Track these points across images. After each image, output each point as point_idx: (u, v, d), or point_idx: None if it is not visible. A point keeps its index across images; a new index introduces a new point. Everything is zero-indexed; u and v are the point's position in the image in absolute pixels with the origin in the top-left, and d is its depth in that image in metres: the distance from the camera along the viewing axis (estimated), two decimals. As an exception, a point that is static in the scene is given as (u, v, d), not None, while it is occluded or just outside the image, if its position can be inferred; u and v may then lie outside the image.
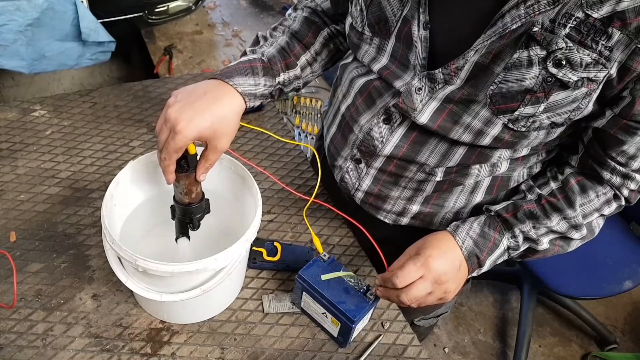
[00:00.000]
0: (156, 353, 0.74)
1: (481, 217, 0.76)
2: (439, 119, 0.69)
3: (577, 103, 0.62)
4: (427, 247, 0.71)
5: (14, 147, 1.00)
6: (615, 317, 1.92)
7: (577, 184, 0.73)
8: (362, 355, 0.78)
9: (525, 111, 0.64)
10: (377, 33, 0.73)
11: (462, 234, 0.73)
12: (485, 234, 0.74)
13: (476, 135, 0.68)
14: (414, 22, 0.67)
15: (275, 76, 0.80)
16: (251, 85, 0.75)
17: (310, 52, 0.86)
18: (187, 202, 0.71)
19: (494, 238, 0.74)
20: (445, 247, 0.72)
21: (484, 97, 0.65)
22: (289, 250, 0.87)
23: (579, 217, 0.73)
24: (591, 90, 0.61)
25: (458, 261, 0.72)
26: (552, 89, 0.61)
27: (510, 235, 0.74)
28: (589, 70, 0.59)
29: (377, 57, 0.75)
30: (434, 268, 0.68)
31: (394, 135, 0.75)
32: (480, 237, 0.74)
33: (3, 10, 1.58)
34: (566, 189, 0.74)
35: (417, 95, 0.70)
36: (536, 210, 0.74)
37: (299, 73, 0.85)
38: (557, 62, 0.59)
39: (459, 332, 1.82)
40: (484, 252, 0.73)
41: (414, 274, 0.68)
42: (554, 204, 0.74)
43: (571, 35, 0.57)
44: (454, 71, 0.65)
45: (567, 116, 0.64)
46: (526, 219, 0.74)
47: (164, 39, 2.63)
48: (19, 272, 0.80)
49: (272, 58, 0.80)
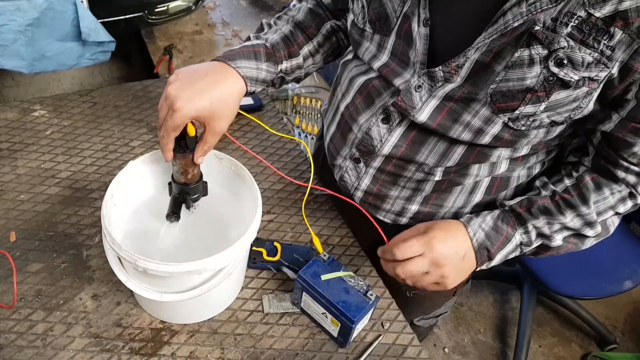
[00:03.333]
0: (156, 353, 0.74)
1: (495, 211, 0.76)
2: (439, 117, 0.69)
3: (578, 102, 0.62)
4: (435, 228, 0.72)
5: (14, 147, 1.00)
6: (615, 317, 1.92)
7: (591, 181, 0.72)
8: (362, 355, 0.78)
9: (525, 110, 0.63)
10: (378, 30, 0.73)
11: (474, 226, 0.73)
12: (498, 227, 0.74)
13: (476, 133, 0.68)
14: (414, 18, 0.67)
15: (277, 63, 0.81)
16: (253, 69, 0.75)
17: (313, 43, 0.86)
18: (183, 181, 0.73)
19: (506, 232, 0.73)
20: (454, 233, 0.72)
21: (485, 95, 0.64)
22: (289, 250, 0.87)
23: (593, 214, 0.72)
24: (592, 90, 0.61)
25: (463, 250, 0.72)
26: (553, 88, 0.61)
27: (523, 230, 0.74)
28: (591, 69, 0.59)
29: (377, 54, 0.75)
30: (435, 249, 0.69)
31: (393, 134, 0.75)
32: (492, 230, 0.73)
33: (3, 10, 1.58)
34: (580, 185, 0.73)
35: (416, 93, 0.69)
36: (550, 206, 0.73)
37: (301, 62, 0.85)
38: (558, 61, 0.59)
39: (459, 332, 1.82)
40: (495, 245, 0.73)
41: (415, 249, 0.69)
42: (568, 200, 0.73)
43: (573, 35, 0.57)
44: (454, 69, 0.65)
45: (567, 115, 0.64)
46: (540, 214, 0.73)
47: (164, 39, 2.63)
48: (19, 272, 0.80)
49: (275, 45, 0.81)
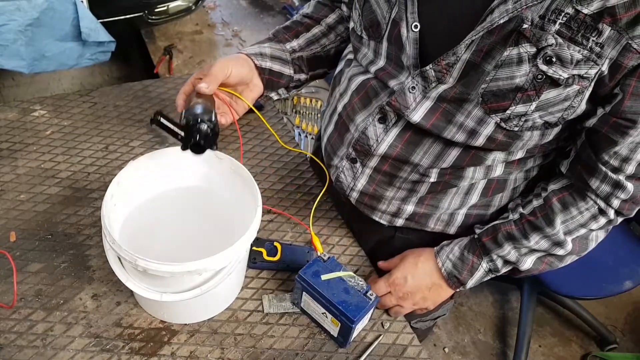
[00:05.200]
0: (156, 353, 0.74)
1: (464, 240, 0.82)
2: (433, 118, 0.70)
3: (570, 101, 0.62)
4: (401, 267, 0.84)
5: (14, 147, 1.00)
6: (615, 317, 1.92)
7: (558, 201, 0.73)
8: (362, 355, 0.78)
9: (517, 110, 0.63)
10: (372, 36, 0.75)
11: (442, 256, 0.82)
12: (464, 257, 0.80)
13: (469, 134, 0.68)
14: (403, 24, 0.68)
15: (282, 42, 0.88)
16: (255, 47, 0.87)
17: (321, 25, 0.91)
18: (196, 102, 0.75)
19: (472, 262, 0.79)
20: (420, 268, 0.83)
21: (476, 95, 0.65)
22: (289, 250, 0.87)
23: (560, 235, 0.73)
24: (583, 88, 0.60)
25: (429, 282, 0.82)
26: (542, 87, 0.61)
27: (488, 259, 0.78)
28: (580, 67, 0.58)
29: (374, 60, 0.76)
30: (397, 288, 0.82)
31: (389, 134, 0.76)
32: (459, 260, 0.80)
33: (3, 10, 1.58)
34: (546, 207, 0.74)
35: (410, 94, 0.70)
36: (515, 232, 0.76)
37: (313, 38, 0.90)
38: (547, 59, 0.59)
39: (459, 332, 1.82)
40: (463, 273, 0.80)
41: (383, 289, 0.83)
42: (533, 222, 0.75)
43: (561, 32, 0.57)
44: (445, 68, 0.65)
45: (560, 115, 0.64)
46: (505, 241, 0.77)
47: (164, 39, 2.63)
48: (19, 272, 0.80)
49: (275, 32, 0.90)
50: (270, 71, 0.86)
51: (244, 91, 0.86)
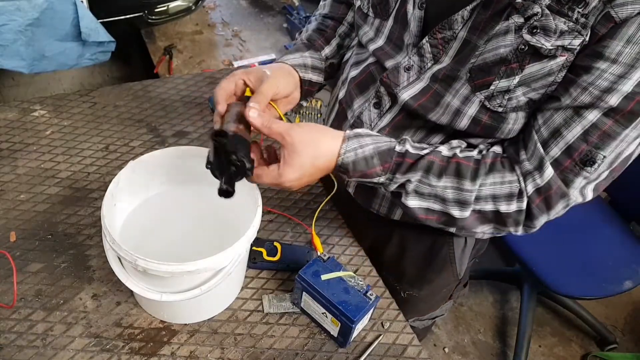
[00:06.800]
0: (156, 353, 0.74)
1: (382, 144, 0.70)
2: (422, 98, 0.70)
3: (553, 77, 0.62)
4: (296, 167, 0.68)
5: (14, 147, 1.00)
6: (615, 317, 1.92)
7: (491, 162, 0.69)
8: (362, 355, 0.78)
9: (500, 84, 0.64)
10: (379, 14, 0.76)
11: (350, 146, 0.69)
12: (370, 162, 0.69)
13: (454, 115, 0.69)
14: (410, 1, 0.70)
15: (318, 50, 0.86)
16: (298, 58, 0.83)
17: (344, 25, 0.90)
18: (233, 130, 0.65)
19: (374, 170, 0.70)
20: (315, 166, 0.69)
21: (465, 72, 0.66)
22: (289, 250, 0.87)
23: (471, 195, 0.68)
24: (567, 62, 0.60)
25: (315, 170, 0.69)
26: (525, 59, 0.61)
27: (390, 176, 0.70)
28: (564, 37, 0.59)
29: (374, 38, 0.78)
30: (281, 186, 0.69)
31: (383, 120, 0.77)
32: (362, 160, 0.69)
33: (3, 10, 1.58)
34: (480, 162, 0.69)
35: (405, 73, 0.72)
36: (434, 164, 0.69)
37: (341, 42, 0.90)
38: (532, 30, 0.60)
39: (459, 332, 1.82)
40: (356, 173, 0.70)
41: (267, 182, 0.68)
42: (460, 166, 0.68)
43: (551, 6, 0.59)
44: (441, 43, 0.67)
45: (543, 91, 0.63)
46: (419, 170, 0.69)
47: (164, 39, 2.63)
48: (19, 272, 0.80)
49: (309, 38, 0.88)
50: (310, 82, 0.84)
51: (281, 103, 0.82)
